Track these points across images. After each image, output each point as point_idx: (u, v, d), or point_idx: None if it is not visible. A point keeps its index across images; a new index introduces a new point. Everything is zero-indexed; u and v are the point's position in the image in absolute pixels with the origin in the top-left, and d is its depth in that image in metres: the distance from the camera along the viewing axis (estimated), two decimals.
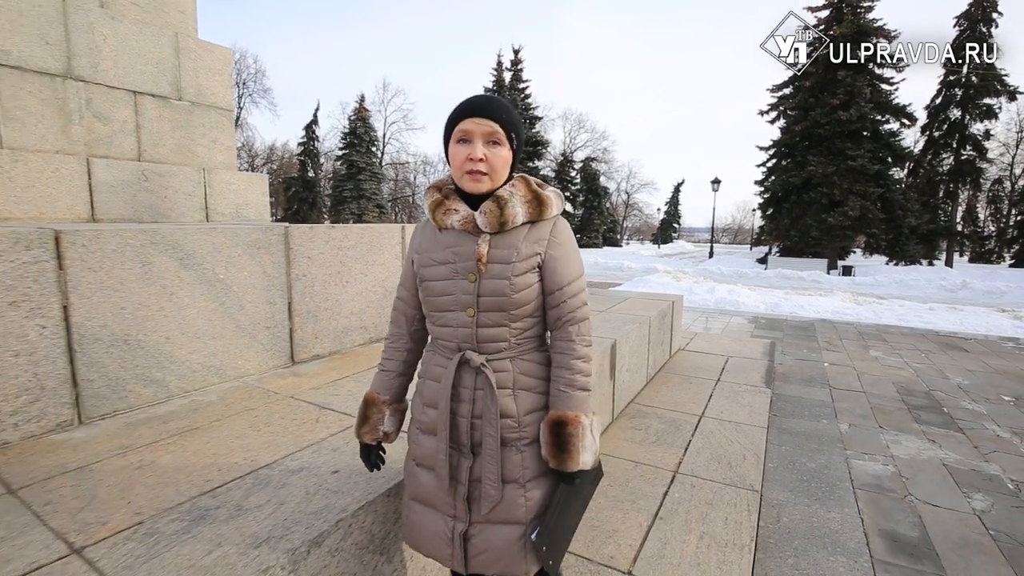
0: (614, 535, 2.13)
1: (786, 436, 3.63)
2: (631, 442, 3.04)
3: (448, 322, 1.14)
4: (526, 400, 1.15)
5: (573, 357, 1.13)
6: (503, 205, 1.09)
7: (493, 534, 1.14)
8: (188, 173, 4.56)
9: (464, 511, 1.15)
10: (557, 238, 1.14)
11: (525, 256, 1.10)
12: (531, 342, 1.17)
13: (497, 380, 1.12)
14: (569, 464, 1.09)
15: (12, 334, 1.65)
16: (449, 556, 1.17)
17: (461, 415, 1.14)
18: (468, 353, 1.12)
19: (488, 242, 1.09)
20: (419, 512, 1.22)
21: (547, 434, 1.11)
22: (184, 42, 4.62)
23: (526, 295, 1.11)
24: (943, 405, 4.45)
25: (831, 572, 2.19)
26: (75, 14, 3.90)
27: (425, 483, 1.19)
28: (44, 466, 1.55)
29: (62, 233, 1.74)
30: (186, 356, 2.13)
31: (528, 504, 1.13)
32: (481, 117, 1.06)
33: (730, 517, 2.27)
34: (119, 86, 4.20)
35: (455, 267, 1.11)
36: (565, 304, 1.13)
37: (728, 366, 4.77)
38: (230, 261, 2.26)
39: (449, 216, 1.12)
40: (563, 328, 1.14)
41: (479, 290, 1.09)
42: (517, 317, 1.12)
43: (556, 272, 1.12)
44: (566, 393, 1.12)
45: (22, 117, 3.70)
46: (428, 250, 1.17)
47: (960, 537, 2.53)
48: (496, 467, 1.12)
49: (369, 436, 1.28)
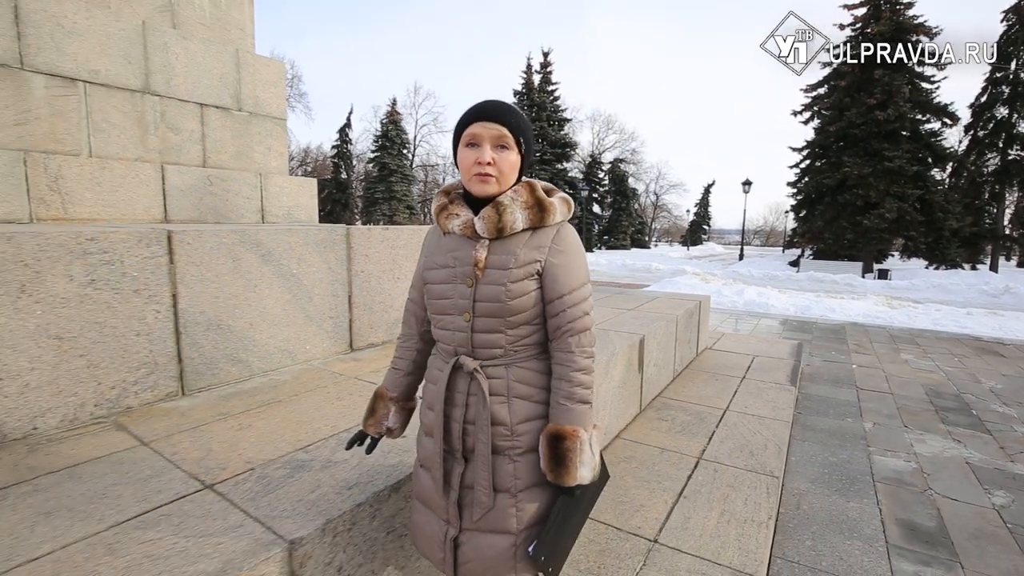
0: (641, 509, 2.35)
1: (809, 432, 3.75)
2: (657, 431, 3.23)
3: (446, 325, 1.15)
4: (521, 409, 1.13)
5: (573, 369, 1.11)
6: (502, 211, 1.08)
7: (483, 543, 1.13)
8: (246, 178, 4.95)
9: (455, 516, 1.15)
10: (559, 245, 1.12)
11: (523, 263, 1.09)
12: (529, 350, 1.15)
13: (490, 387, 1.12)
14: (566, 479, 1.08)
15: (135, 317, 1.98)
16: (441, 560, 1.18)
17: (454, 419, 1.15)
18: (462, 358, 1.13)
19: (486, 247, 1.09)
20: (420, 512, 1.24)
21: (544, 447, 1.10)
22: (244, 57, 5.02)
23: (523, 302, 1.09)
24: (972, 408, 4.47)
25: (847, 554, 2.35)
26: (152, 35, 4.32)
27: (425, 484, 1.22)
28: (163, 426, 1.87)
29: (173, 233, 2.07)
30: (265, 340, 2.45)
31: (520, 515, 1.12)
32: (490, 121, 1.08)
33: (750, 498, 2.45)
34: (188, 99, 4.61)
35: (454, 271, 1.12)
36: (565, 313, 1.11)
37: (754, 365, 4.90)
38: (302, 258, 2.57)
39: (451, 220, 1.13)
40: (563, 338, 1.12)
41: (475, 295, 1.09)
42: (514, 324, 1.11)
43: (556, 280, 1.10)
44: (565, 406, 1.10)
45: (107, 129, 4.12)
46: (432, 253, 1.19)
47: (976, 528, 2.64)
48: (487, 474, 1.11)
49: (373, 429, 1.31)
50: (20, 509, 1.33)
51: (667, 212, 56.55)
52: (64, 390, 1.82)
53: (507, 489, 1.12)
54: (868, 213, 20.29)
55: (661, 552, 2.03)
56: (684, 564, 1.96)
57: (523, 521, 1.12)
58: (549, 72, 33.65)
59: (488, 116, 1.08)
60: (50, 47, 3.75)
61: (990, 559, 2.38)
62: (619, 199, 39.25)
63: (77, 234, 1.82)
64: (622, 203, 39.25)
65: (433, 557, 1.20)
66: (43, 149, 3.74)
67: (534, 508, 1.13)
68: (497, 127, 1.07)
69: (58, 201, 3.79)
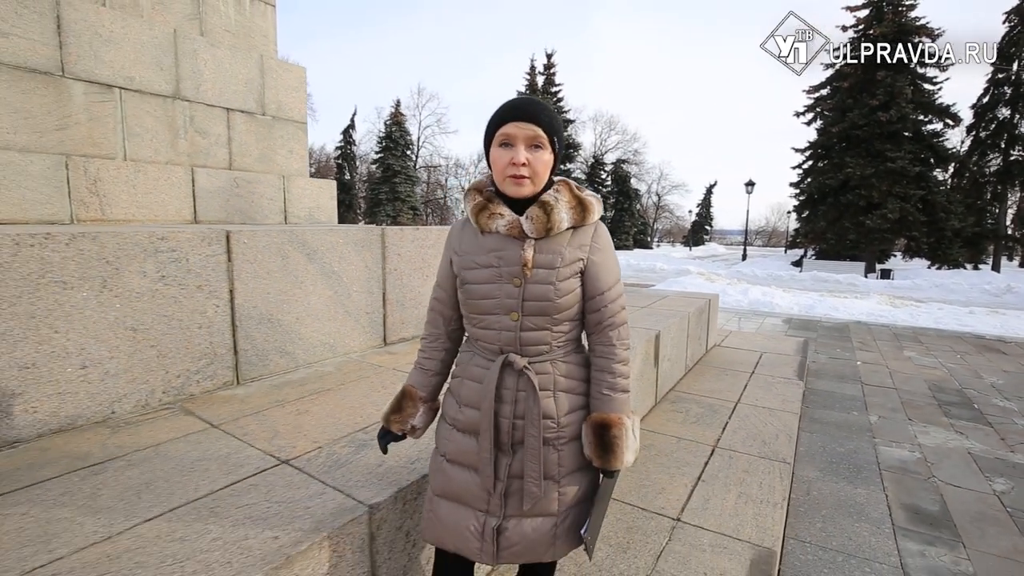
0: (663, 492, 2.50)
1: (817, 425, 3.90)
2: (673, 422, 3.39)
3: (491, 325, 1.15)
4: (565, 401, 1.17)
5: (615, 361, 1.16)
6: (549, 211, 1.09)
7: (527, 527, 1.17)
8: (270, 180, 5.12)
9: (499, 506, 1.17)
10: (598, 243, 1.15)
11: (569, 261, 1.11)
12: (570, 344, 1.20)
13: (539, 382, 1.15)
14: (614, 463, 1.13)
15: (197, 311, 2.14)
16: (478, 550, 1.19)
17: (504, 416, 1.16)
18: (512, 356, 1.14)
19: (533, 247, 1.10)
20: (445, 508, 1.23)
21: (591, 435, 1.15)
22: (267, 63, 5.18)
23: (569, 299, 1.12)
24: (974, 402, 4.62)
25: (855, 534, 2.50)
26: (183, 43, 4.49)
27: (457, 479, 1.21)
28: (227, 412, 2.03)
29: (231, 233, 2.23)
30: (310, 334, 2.61)
31: (561, 499, 1.18)
32: (524, 121, 1.06)
33: (764, 482, 2.61)
34: (216, 104, 4.78)
35: (499, 271, 1.12)
36: (606, 309, 1.15)
37: (762, 361, 5.05)
38: (342, 257, 2.73)
39: (494, 220, 1.12)
40: (603, 332, 1.16)
41: (524, 295, 1.10)
42: (559, 321, 1.13)
43: (598, 277, 1.14)
44: (609, 396, 1.15)
45: (141, 133, 4.28)
46: (470, 252, 1.17)
47: (978, 512, 2.79)
48: (539, 465, 1.14)
49: (398, 426, 1.32)
50: (121, 480, 1.49)
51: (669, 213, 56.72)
52: (137, 378, 1.99)
53: (552, 476, 1.17)
54: (871, 213, 20.45)
55: (685, 529, 2.19)
56: (706, 539, 2.12)
57: (564, 504, 1.18)
58: (553, 74, 33.86)
59: (522, 116, 1.07)
60: (89, 55, 3.91)
61: (990, 540, 2.53)
62: (622, 199, 39.41)
63: (150, 233, 1.98)
64: (624, 204, 39.42)
65: (466, 548, 1.20)
66: (82, 153, 3.90)
67: (574, 491, 1.19)
68: (531, 127, 1.06)
69: (96, 203, 3.95)
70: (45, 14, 3.66)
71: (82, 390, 1.83)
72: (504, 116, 1.08)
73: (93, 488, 1.44)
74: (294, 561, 1.17)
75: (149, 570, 1.10)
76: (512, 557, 1.18)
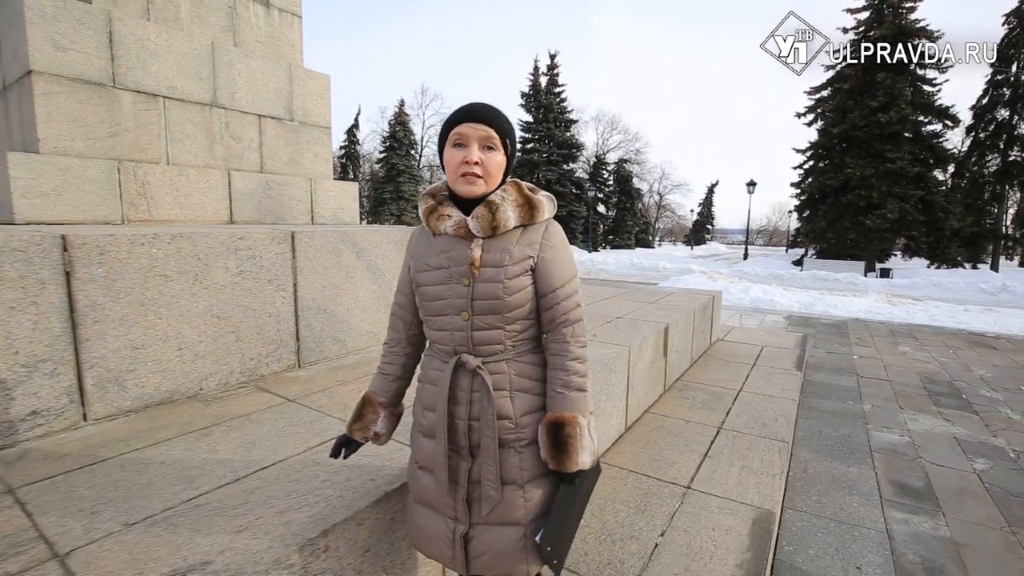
0: (674, 465, 2.80)
1: (814, 412, 4.20)
2: (681, 407, 3.69)
3: (444, 326, 1.16)
4: (523, 402, 1.16)
5: (569, 358, 1.15)
6: (495, 210, 1.11)
7: (493, 536, 1.16)
8: (298, 182, 5.41)
9: (464, 513, 1.17)
10: (549, 241, 1.15)
11: (518, 259, 1.12)
12: (527, 344, 1.19)
13: (493, 382, 1.14)
14: (568, 464, 1.11)
15: (268, 301, 2.44)
16: (451, 558, 1.19)
17: (459, 417, 1.16)
18: (464, 356, 1.14)
19: (481, 246, 1.11)
20: (422, 514, 1.25)
21: (545, 436, 1.13)
22: (295, 71, 5.48)
23: (520, 297, 1.12)
24: (962, 392, 4.92)
25: (846, 505, 2.80)
26: (219, 54, 4.79)
27: (426, 485, 1.22)
28: (297, 389, 2.33)
29: (296, 233, 2.53)
30: (357, 323, 2.91)
31: (527, 505, 1.15)
32: (477, 122, 1.10)
33: (765, 457, 2.91)
34: (248, 111, 5.08)
35: (449, 272, 1.13)
36: (559, 306, 1.15)
37: (763, 354, 5.35)
38: (384, 254, 3.03)
39: (442, 222, 1.14)
40: (558, 330, 1.16)
41: (473, 294, 1.11)
42: (512, 320, 1.13)
43: (549, 275, 1.14)
44: (563, 394, 1.14)
45: (182, 139, 4.59)
46: (423, 256, 1.19)
47: (959, 487, 3.08)
48: (495, 468, 1.14)
49: (360, 434, 1.31)
50: (230, 439, 1.79)
51: (671, 212, 57.01)
52: (220, 359, 2.29)
53: (514, 481, 1.15)
54: (870, 213, 20.73)
55: (695, 495, 2.49)
56: (714, 503, 2.42)
57: (530, 511, 1.16)
58: (556, 74, 34.09)
59: (475, 117, 1.10)
60: (137, 67, 4.21)
61: (968, 510, 2.83)
62: (624, 199, 39.69)
63: (231, 233, 2.28)
64: (627, 203, 39.71)
65: (441, 556, 1.22)
66: (131, 158, 4.21)
67: (540, 497, 1.17)
68: (484, 128, 1.10)
69: (145, 204, 4.26)
70: (99, 30, 3.97)
71: (178, 368, 2.14)
72: (459, 117, 1.11)
73: (209, 445, 1.74)
74: (390, 497, 1.47)
75: (281, 501, 1.40)
76: (482, 568, 1.18)
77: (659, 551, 2.07)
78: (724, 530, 2.19)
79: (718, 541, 2.12)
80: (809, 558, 2.30)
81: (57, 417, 1.79)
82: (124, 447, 1.72)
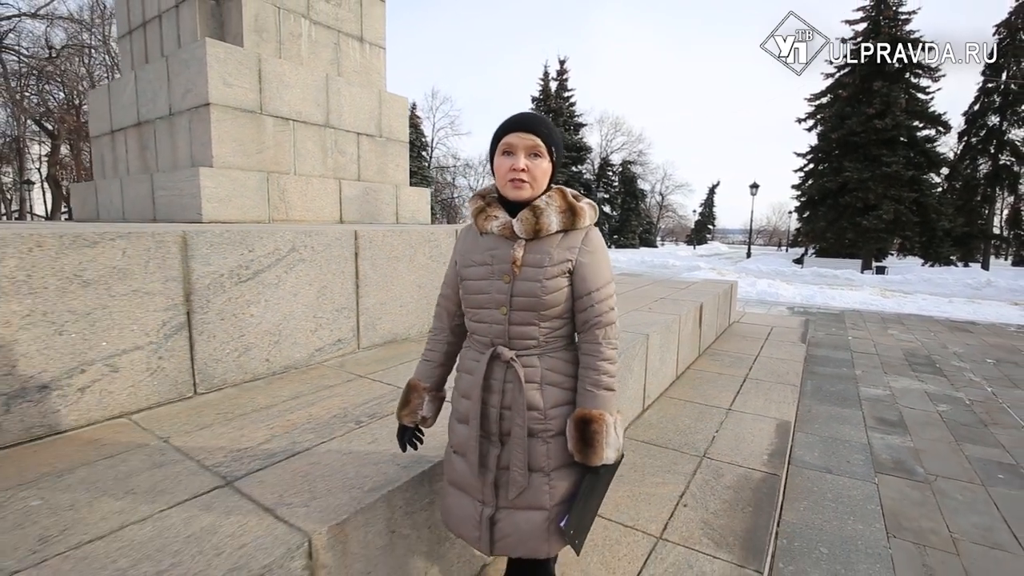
0: (716, 397, 3.90)
1: (815, 376, 5.29)
2: (714, 365, 4.79)
3: (483, 319, 1.24)
4: (552, 395, 1.23)
5: (600, 359, 1.20)
6: (539, 214, 1.18)
7: (519, 518, 1.23)
8: (386, 188, 6.49)
9: (492, 496, 1.24)
10: (588, 246, 1.22)
11: (557, 261, 1.18)
12: (560, 341, 1.25)
13: (525, 375, 1.20)
14: (593, 459, 1.16)
15: (438, 279, 3.51)
16: (476, 538, 1.27)
17: (492, 405, 1.23)
18: (500, 348, 1.21)
19: (523, 247, 1.18)
20: (453, 496, 1.33)
21: (573, 430, 1.19)
22: (383, 95, 6.55)
23: (556, 297, 1.18)
24: (937, 363, 6.01)
25: (840, 431, 3.86)
26: (331, 83, 5.86)
27: (459, 468, 1.30)
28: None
29: (458, 229, 3.61)
30: None
31: (552, 492, 1.22)
32: (524, 132, 1.17)
33: (781, 393, 4.01)
34: (350, 130, 6.15)
35: (492, 268, 1.21)
36: (593, 308, 1.20)
37: (773, 332, 6.45)
38: None
39: (489, 222, 1.22)
40: (591, 331, 1.21)
41: (512, 290, 1.18)
42: (547, 317, 1.20)
43: (585, 278, 1.20)
44: (592, 392, 1.19)
45: (305, 155, 5.66)
46: (469, 252, 1.27)
47: (924, 421, 4.17)
48: (523, 455, 1.20)
49: (408, 418, 1.40)
50: None
51: (672, 212, 58.07)
52: (420, 316, 3.36)
53: (541, 468, 1.22)
54: (867, 214, 21.85)
55: (734, 413, 3.59)
56: (748, 417, 3.51)
57: (555, 497, 1.22)
58: (565, 79, 35.15)
59: (522, 127, 1.18)
60: (276, 97, 5.30)
61: (928, 433, 3.91)
62: (628, 199, 40.78)
63: (423, 229, 3.36)
64: (631, 203, 40.79)
65: (468, 536, 1.30)
66: (272, 170, 5.28)
67: (565, 485, 1.23)
68: (531, 137, 1.18)
69: (284, 207, 5.34)
70: (252, 68, 5.04)
71: (400, 320, 3.22)
72: (507, 128, 1.20)
73: None
74: None
75: None
76: (506, 548, 1.25)
77: (716, 439, 3.16)
78: (757, 429, 3.28)
79: (754, 434, 3.22)
80: (814, 456, 3.38)
81: (347, 344, 2.86)
82: (382, 366, 2.79)
